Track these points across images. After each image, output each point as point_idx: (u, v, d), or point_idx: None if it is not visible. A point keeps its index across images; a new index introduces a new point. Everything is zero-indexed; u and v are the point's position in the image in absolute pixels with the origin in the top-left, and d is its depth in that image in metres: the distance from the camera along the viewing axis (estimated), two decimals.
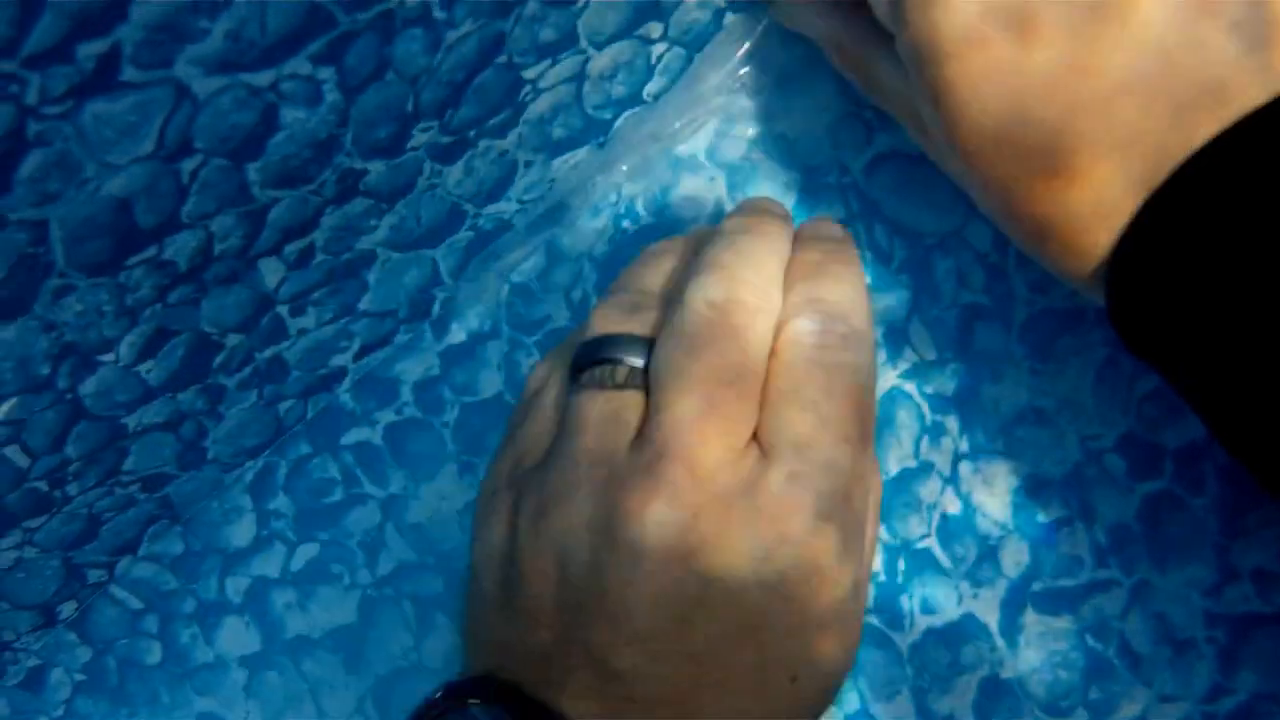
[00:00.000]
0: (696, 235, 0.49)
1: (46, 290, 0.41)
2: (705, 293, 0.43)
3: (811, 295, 0.45)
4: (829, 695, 0.45)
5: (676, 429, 0.41)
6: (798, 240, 0.47)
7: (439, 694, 0.43)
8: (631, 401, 0.43)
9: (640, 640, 0.41)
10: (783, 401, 0.42)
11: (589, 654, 0.41)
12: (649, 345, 0.44)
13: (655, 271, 0.48)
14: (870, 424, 0.44)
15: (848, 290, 0.45)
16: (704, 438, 0.41)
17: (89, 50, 0.35)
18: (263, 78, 0.39)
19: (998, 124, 0.40)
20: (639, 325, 0.45)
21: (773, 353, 0.43)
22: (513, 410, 0.49)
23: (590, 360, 0.44)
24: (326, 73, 0.41)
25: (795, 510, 0.41)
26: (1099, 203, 0.40)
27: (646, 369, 0.43)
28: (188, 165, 0.40)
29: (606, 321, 0.45)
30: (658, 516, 0.40)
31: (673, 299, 0.45)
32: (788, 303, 0.45)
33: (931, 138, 0.45)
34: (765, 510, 0.41)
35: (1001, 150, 0.41)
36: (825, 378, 0.43)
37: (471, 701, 0.42)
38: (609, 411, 0.43)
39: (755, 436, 0.42)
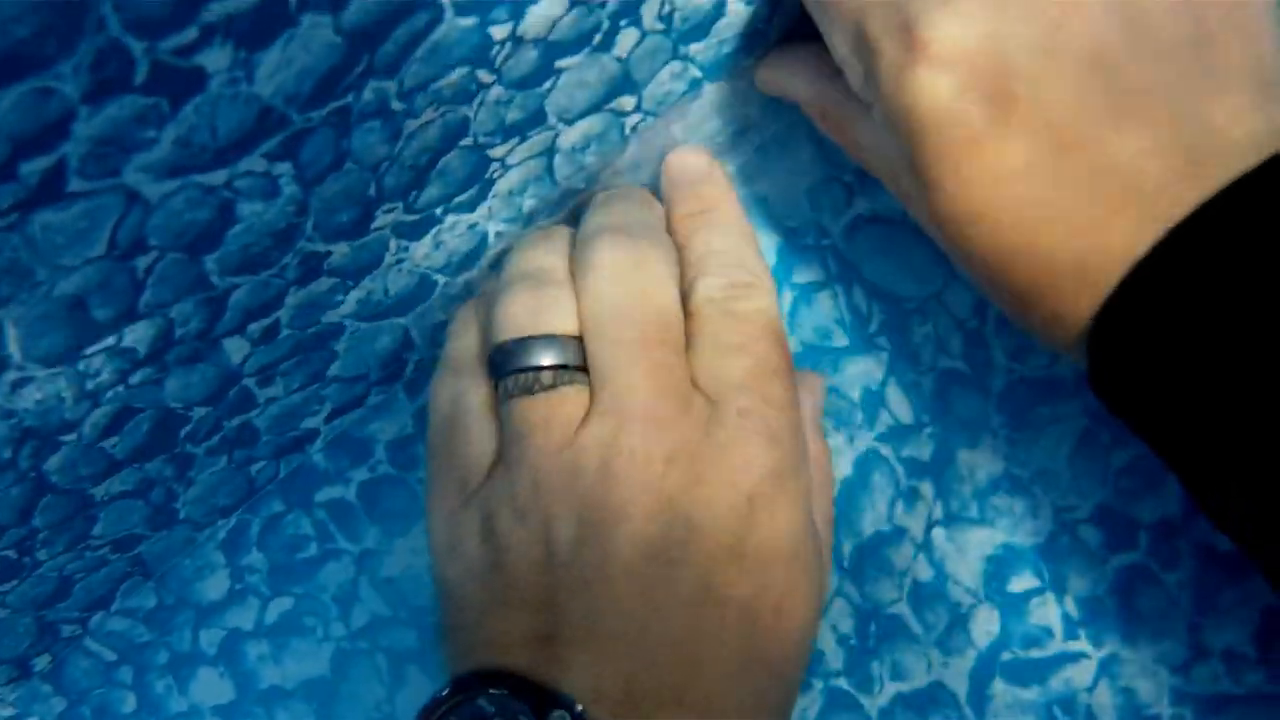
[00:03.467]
0: (566, 218, 0.52)
1: (3, 383, 0.41)
2: (613, 256, 0.47)
3: (705, 250, 0.49)
4: (808, 634, 0.47)
5: (630, 395, 0.45)
6: (670, 187, 0.51)
7: (445, 690, 0.44)
8: (569, 395, 0.45)
9: (632, 598, 0.43)
10: (713, 351, 0.46)
11: (586, 628, 0.43)
12: (565, 341, 0.46)
13: (546, 250, 0.49)
14: (788, 353, 0.48)
15: (735, 235, 0.50)
16: (657, 394, 0.45)
17: (32, 167, 0.35)
18: (216, 177, 0.39)
19: (978, 199, 0.40)
20: (551, 316, 0.47)
21: (690, 312, 0.47)
22: (430, 433, 0.50)
23: (512, 369, 0.46)
24: (283, 167, 0.40)
25: (751, 439, 0.45)
26: (1083, 270, 0.40)
27: (569, 365, 0.46)
28: (142, 262, 0.40)
29: (517, 319, 0.47)
30: (631, 478, 0.44)
31: (582, 271, 0.47)
32: (686, 261, 0.49)
33: (914, 204, 0.44)
34: (726, 445, 0.45)
35: (983, 223, 0.41)
36: (743, 324, 0.47)
37: (480, 692, 0.43)
38: (548, 410, 0.45)
39: (696, 382, 0.46)
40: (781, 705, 0.46)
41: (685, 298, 0.48)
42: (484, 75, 0.43)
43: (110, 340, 0.42)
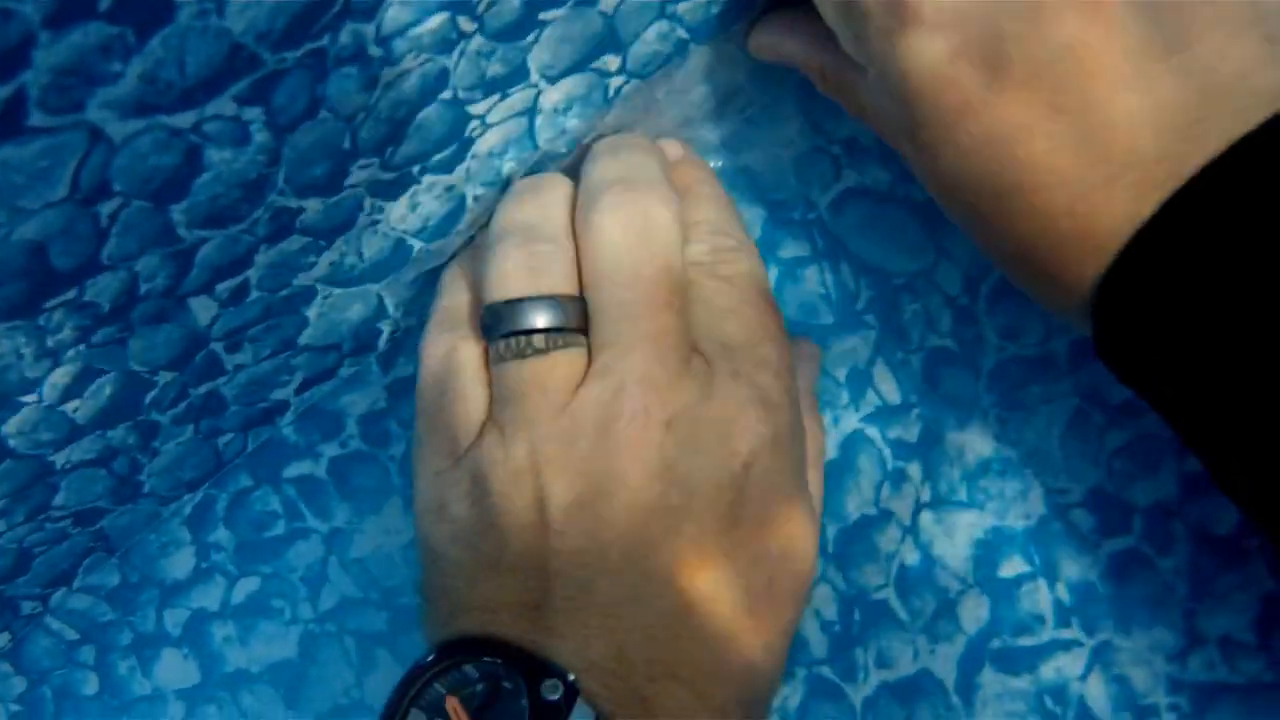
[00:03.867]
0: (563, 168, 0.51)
1: None
2: (620, 215, 0.46)
3: (691, 219, 0.48)
4: (800, 606, 0.46)
5: (631, 358, 0.44)
6: None
7: (430, 656, 0.43)
8: (565, 359, 0.45)
9: (626, 564, 0.42)
10: (705, 313, 0.46)
11: (579, 595, 0.42)
12: (562, 302, 0.45)
13: (541, 201, 0.48)
14: (779, 315, 0.48)
15: (716, 206, 0.50)
16: (659, 358, 0.44)
17: None
18: (184, 119, 0.38)
19: (975, 164, 0.40)
20: (546, 275, 0.45)
21: None
22: (419, 390, 0.48)
23: (504, 332, 0.45)
24: (254, 113, 0.39)
25: (747, 405, 0.44)
26: (1086, 235, 0.39)
27: (565, 328, 0.45)
28: (106, 208, 0.38)
29: (509, 278, 0.46)
30: (630, 442, 0.43)
31: (586, 228, 0.46)
32: None
33: (915, 166, 0.44)
34: (723, 410, 0.44)
35: (982, 188, 0.40)
36: (731, 288, 0.47)
37: (466, 658, 0.42)
38: (543, 373, 0.44)
39: (695, 345, 0.46)
40: (772, 678, 0.45)
41: None
42: (465, 23, 0.42)
43: (71, 294, 0.41)
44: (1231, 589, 0.51)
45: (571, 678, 0.41)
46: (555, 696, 0.41)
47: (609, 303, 0.45)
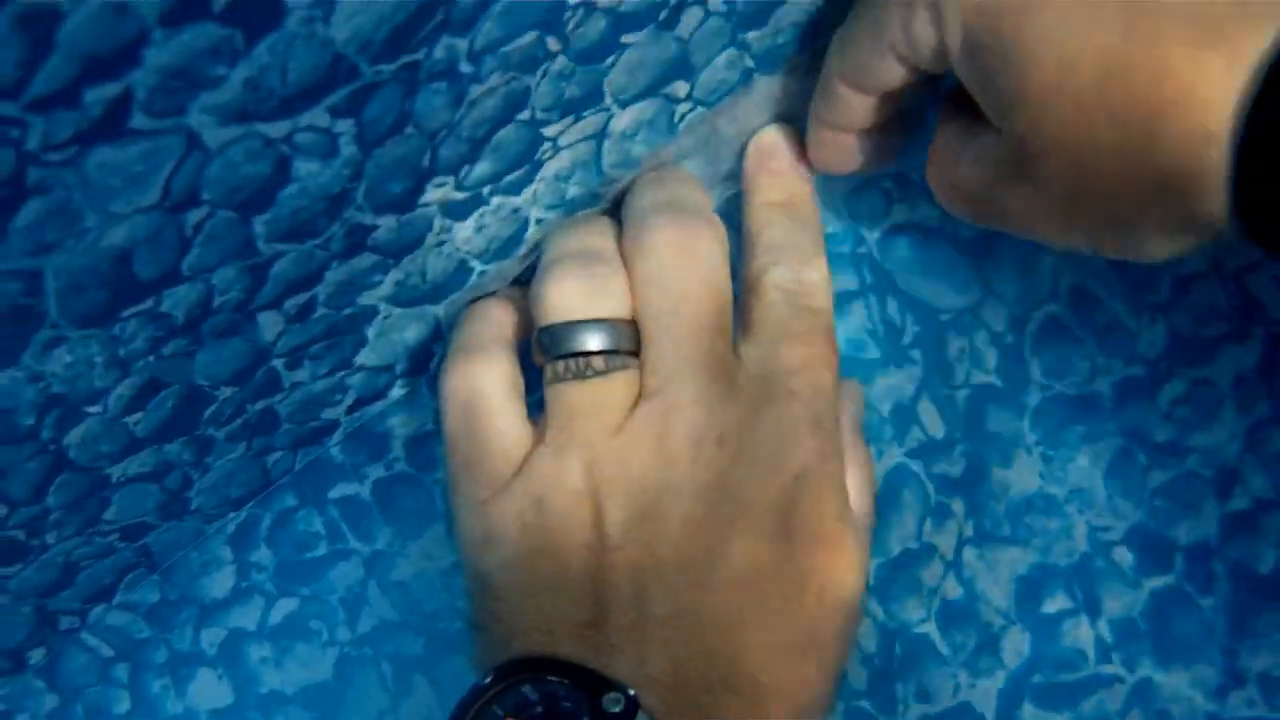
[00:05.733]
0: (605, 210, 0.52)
1: (36, 342, 0.39)
2: (668, 237, 0.46)
3: (783, 241, 0.49)
4: (851, 623, 0.46)
5: (681, 380, 0.45)
6: (755, 168, 0.51)
7: (488, 678, 0.43)
8: (621, 380, 0.46)
9: (681, 578, 0.43)
10: (775, 335, 0.47)
11: (636, 612, 0.43)
12: (617, 325, 0.46)
13: (593, 231, 0.49)
14: (838, 356, 0.48)
15: (811, 233, 0.50)
16: (709, 379, 0.45)
17: (98, 95, 0.33)
18: (278, 128, 0.38)
19: (1082, 62, 0.38)
20: (604, 298, 0.46)
21: (758, 294, 0.48)
22: (447, 425, 0.49)
23: (562, 354, 0.46)
24: (344, 125, 0.39)
25: (799, 422, 0.45)
26: (1225, 67, 0.35)
27: (620, 350, 0.46)
28: (193, 217, 0.38)
29: (566, 300, 0.46)
30: (682, 459, 0.44)
31: (636, 251, 0.47)
32: (759, 245, 0.49)
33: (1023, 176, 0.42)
34: (774, 426, 0.45)
35: (1095, 94, 0.38)
36: (808, 318, 0.47)
37: (525, 679, 0.43)
38: (601, 395, 0.46)
39: (744, 364, 0.47)
40: (825, 694, 0.46)
41: (754, 280, 0.48)
42: (553, 43, 0.42)
43: (149, 303, 0.41)
44: (1272, 628, 0.51)
45: (632, 693, 0.41)
46: (617, 709, 0.41)
47: (659, 326, 0.46)
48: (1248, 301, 0.51)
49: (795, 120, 0.52)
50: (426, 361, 0.53)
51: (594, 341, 0.45)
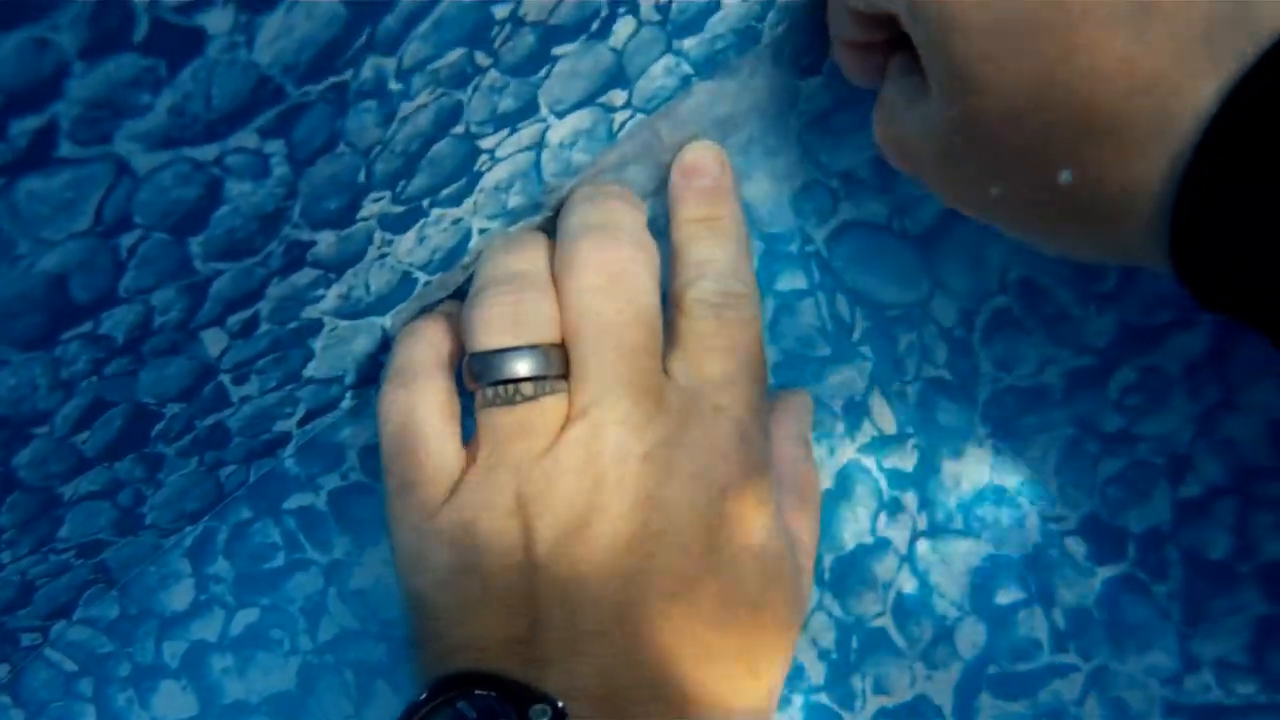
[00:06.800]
0: (548, 220, 0.52)
1: None
2: (596, 258, 0.47)
3: (707, 256, 0.49)
4: (786, 634, 0.47)
5: (608, 400, 0.45)
6: (680, 185, 0.51)
7: (423, 694, 0.44)
8: (549, 404, 0.46)
9: (610, 593, 0.44)
10: (699, 350, 0.48)
11: (565, 626, 0.43)
12: (546, 350, 0.46)
13: (523, 253, 0.49)
14: (765, 367, 0.50)
15: (735, 247, 0.50)
16: (635, 399, 0.45)
17: (22, 127, 0.33)
18: (207, 152, 0.38)
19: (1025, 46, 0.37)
20: (531, 324, 0.46)
21: (681, 310, 0.48)
22: (384, 448, 0.49)
23: (492, 380, 0.46)
24: (275, 145, 0.39)
25: (725, 436, 0.46)
26: (1164, 114, 0.35)
27: (548, 375, 0.46)
28: (126, 240, 0.39)
29: (494, 327, 0.46)
30: (609, 477, 0.44)
31: (565, 274, 0.47)
32: (684, 263, 0.49)
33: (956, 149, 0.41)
34: (700, 440, 0.46)
35: (1035, 76, 0.37)
36: (733, 331, 0.48)
37: (459, 695, 0.43)
38: (529, 419, 0.46)
39: (672, 380, 0.47)
40: (760, 705, 0.46)
41: (678, 296, 0.49)
42: (482, 58, 0.42)
43: (88, 326, 0.41)
44: (1225, 613, 0.52)
45: (561, 704, 0.42)
46: None
47: (588, 349, 0.46)
48: None
49: (738, 123, 0.52)
50: (376, 372, 0.53)
51: (522, 368, 0.46)
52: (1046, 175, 0.38)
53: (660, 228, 0.51)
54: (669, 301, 0.49)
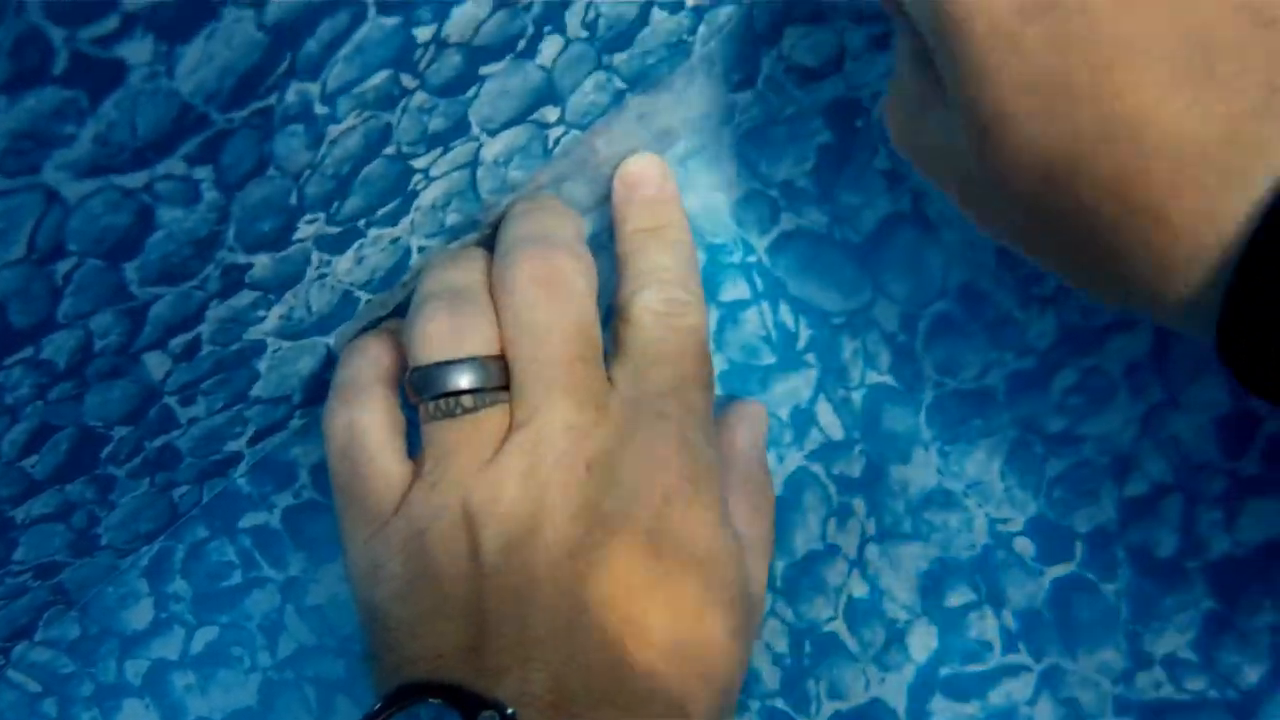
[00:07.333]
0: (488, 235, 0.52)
1: None
2: (532, 270, 0.47)
3: (652, 266, 0.50)
4: (737, 639, 0.47)
5: (550, 410, 0.46)
6: (623, 197, 0.52)
7: (376, 706, 0.44)
8: (491, 415, 0.46)
9: (557, 599, 0.44)
10: (643, 358, 0.48)
11: (514, 633, 0.44)
12: (485, 363, 0.47)
13: (461, 267, 0.50)
14: (712, 372, 0.50)
15: (681, 256, 0.51)
16: (576, 407, 0.46)
17: None
18: (136, 179, 0.38)
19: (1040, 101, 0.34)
20: (471, 337, 0.47)
21: (627, 319, 0.49)
22: (331, 465, 0.50)
23: (433, 394, 0.47)
24: (203, 171, 0.40)
25: (669, 441, 0.46)
26: (1225, 179, 0.32)
27: (488, 387, 0.47)
28: (61, 267, 0.39)
29: (434, 341, 0.47)
30: (553, 485, 0.45)
31: (501, 287, 0.48)
32: (630, 272, 0.50)
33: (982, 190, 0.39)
34: (643, 447, 0.46)
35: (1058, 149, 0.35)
36: (678, 339, 0.49)
37: (411, 704, 0.44)
38: (471, 431, 0.46)
39: (616, 388, 0.48)
40: (713, 708, 0.46)
41: (623, 305, 0.49)
42: (407, 80, 0.43)
43: (29, 351, 0.41)
44: (1174, 610, 0.52)
45: (510, 710, 0.42)
46: None
47: (526, 359, 0.47)
48: None
49: (675, 136, 0.52)
50: (323, 391, 0.53)
51: (463, 381, 0.46)
52: (1083, 237, 0.36)
53: (601, 243, 0.52)
54: (615, 311, 0.50)
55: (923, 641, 0.54)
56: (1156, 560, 0.52)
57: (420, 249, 0.50)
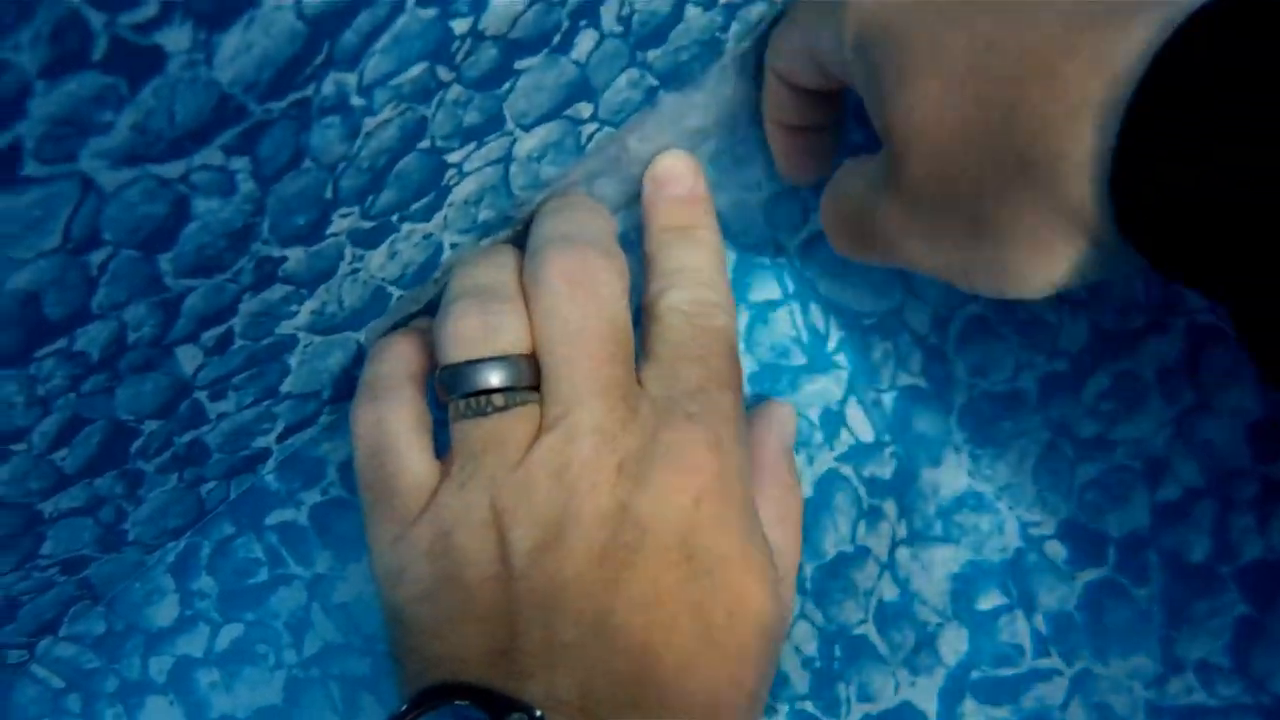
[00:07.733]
0: (519, 233, 0.52)
1: None
2: (563, 268, 0.47)
3: (680, 264, 0.50)
4: (766, 642, 0.46)
5: (580, 410, 0.45)
6: (653, 195, 0.52)
7: (403, 707, 0.44)
8: (521, 415, 0.46)
9: (586, 602, 0.44)
10: (672, 358, 0.48)
11: (542, 637, 0.43)
12: (516, 361, 0.46)
13: (493, 265, 0.50)
14: (741, 373, 0.50)
15: (709, 256, 0.51)
16: (607, 408, 0.45)
17: None
18: (173, 169, 0.38)
19: (953, 46, 0.39)
20: (502, 335, 0.47)
21: (654, 318, 0.49)
22: (358, 463, 0.49)
23: (463, 392, 0.46)
24: (240, 162, 0.40)
25: (698, 444, 0.46)
26: (1081, 102, 0.34)
27: (519, 386, 0.46)
28: (96, 257, 0.39)
29: (465, 339, 0.47)
30: (583, 487, 0.45)
31: (533, 285, 0.47)
32: (658, 271, 0.50)
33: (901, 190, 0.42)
34: (673, 449, 0.46)
35: (963, 74, 0.38)
36: (706, 339, 0.48)
37: (438, 706, 0.43)
38: (501, 430, 0.46)
39: (645, 389, 0.47)
40: (741, 713, 0.46)
41: (651, 305, 0.49)
42: (444, 72, 0.43)
43: (62, 343, 0.41)
44: (1206, 615, 0.52)
45: (539, 714, 0.42)
46: None
47: (558, 359, 0.46)
48: (1167, 293, 0.52)
49: (706, 135, 0.52)
50: (353, 387, 0.53)
51: (493, 379, 0.46)
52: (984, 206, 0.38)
53: (631, 241, 0.52)
54: (643, 310, 0.50)
55: (953, 645, 0.54)
56: (1189, 565, 0.52)
57: (453, 245, 0.50)
